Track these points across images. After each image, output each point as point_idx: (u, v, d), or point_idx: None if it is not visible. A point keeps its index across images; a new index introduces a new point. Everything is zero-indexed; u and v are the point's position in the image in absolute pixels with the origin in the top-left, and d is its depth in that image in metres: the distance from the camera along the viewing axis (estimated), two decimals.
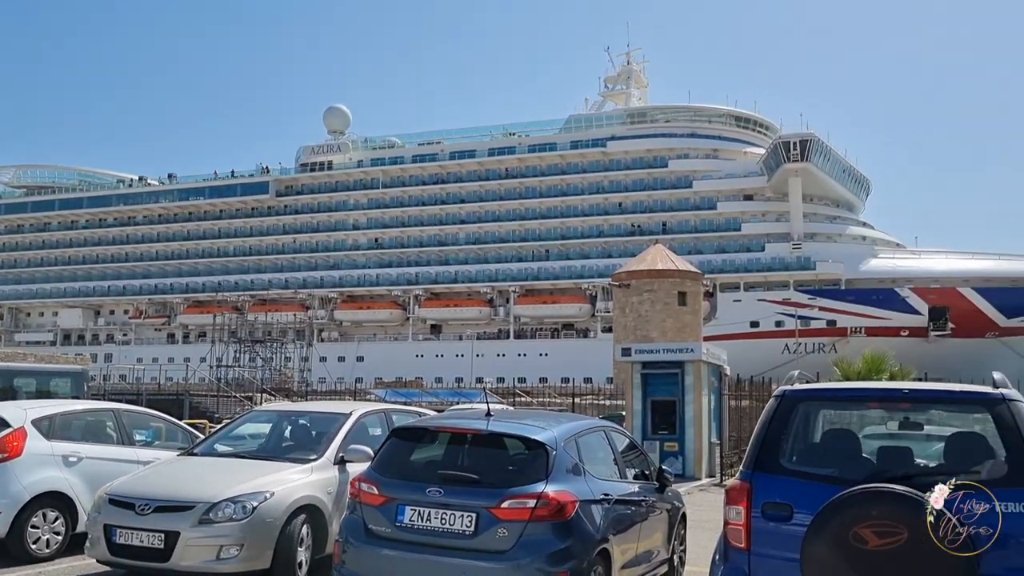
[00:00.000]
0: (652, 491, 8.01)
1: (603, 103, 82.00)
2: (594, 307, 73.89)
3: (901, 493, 4.60)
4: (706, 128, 75.34)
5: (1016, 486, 4.64)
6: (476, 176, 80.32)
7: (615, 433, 8.06)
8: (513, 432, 6.64)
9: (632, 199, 75.13)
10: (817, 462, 5.38)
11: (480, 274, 78.02)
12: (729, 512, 5.20)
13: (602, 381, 48.53)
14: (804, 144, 66.91)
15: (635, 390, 20.08)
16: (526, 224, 77.99)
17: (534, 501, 6.01)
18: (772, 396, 5.55)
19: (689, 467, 19.38)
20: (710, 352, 20.61)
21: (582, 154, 76.68)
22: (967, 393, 5.33)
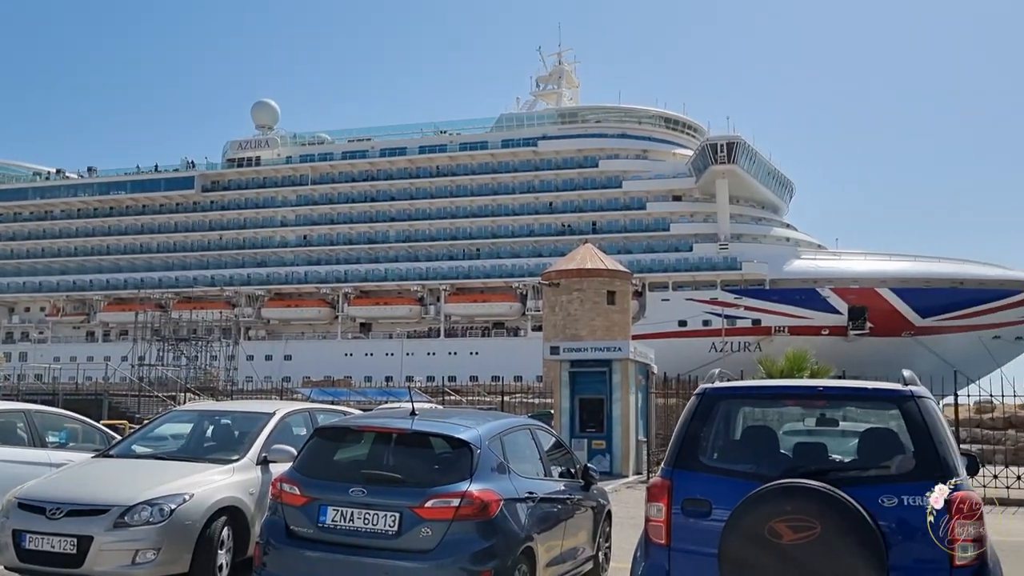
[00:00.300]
0: (577, 489, 8.06)
1: (535, 102, 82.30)
2: (524, 306, 74.14)
3: (814, 488, 4.70)
4: (636, 129, 76.21)
5: (922, 480, 4.78)
6: (407, 174, 79.89)
7: (541, 431, 8.09)
8: (437, 431, 6.62)
9: (563, 199, 75.61)
10: (736, 459, 5.48)
11: (411, 272, 77.66)
12: (650, 509, 5.25)
13: (532, 379, 48.73)
14: (731, 147, 68.21)
15: (563, 388, 20.20)
16: (457, 222, 77.85)
17: (458, 500, 6.00)
18: (693, 394, 5.64)
19: (616, 465, 19.58)
20: (637, 351, 20.84)
21: (513, 153, 76.89)
22: (878, 391, 5.48)
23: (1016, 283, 64.96)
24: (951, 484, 4.70)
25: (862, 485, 4.84)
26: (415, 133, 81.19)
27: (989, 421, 28.18)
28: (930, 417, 4.98)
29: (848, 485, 4.78)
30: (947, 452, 4.88)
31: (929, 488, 4.72)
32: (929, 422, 4.95)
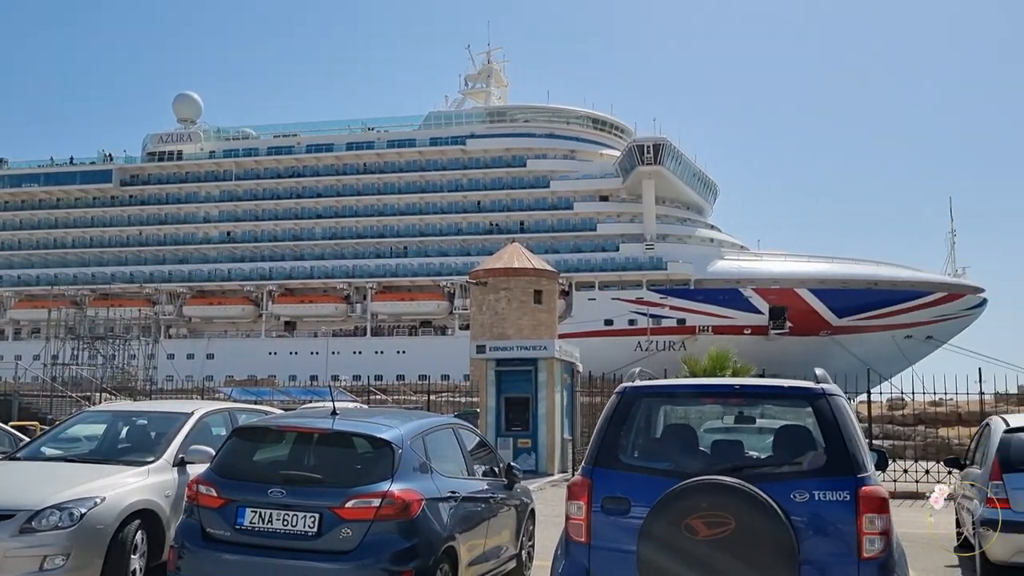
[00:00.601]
0: (501, 488, 8.09)
1: (463, 101, 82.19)
2: (452, 304, 74.01)
3: (729, 484, 4.80)
4: (564, 129, 76.71)
5: (833, 475, 4.92)
6: (333, 170, 79.02)
7: (464, 431, 8.09)
8: (358, 431, 6.57)
9: (491, 197, 75.67)
10: (656, 457, 5.55)
11: (337, 270, 76.84)
12: (570, 507, 5.30)
13: (460, 378, 48.71)
14: (657, 148, 69.16)
15: (489, 387, 20.24)
16: (384, 220, 77.29)
17: (379, 500, 5.96)
18: (613, 393, 5.70)
19: (542, 463, 19.70)
20: (563, 350, 20.99)
21: (442, 151, 76.70)
22: (792, 388, 5.62)
23: (927, 285, 67.37)
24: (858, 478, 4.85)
25: (775, 481, 4.95)
26: (342, 130, 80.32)
27: (900, 418, 29.23)
28: (841, 414, 5.12)
29: (762, 481, 4.88)
30: (856, 448, 5.02)
31: (840, 483, 4.86)
32: (840, 419, 5.09)
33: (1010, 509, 8.30)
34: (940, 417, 27.72)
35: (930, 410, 28.60)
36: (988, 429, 9.59)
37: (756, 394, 5.98)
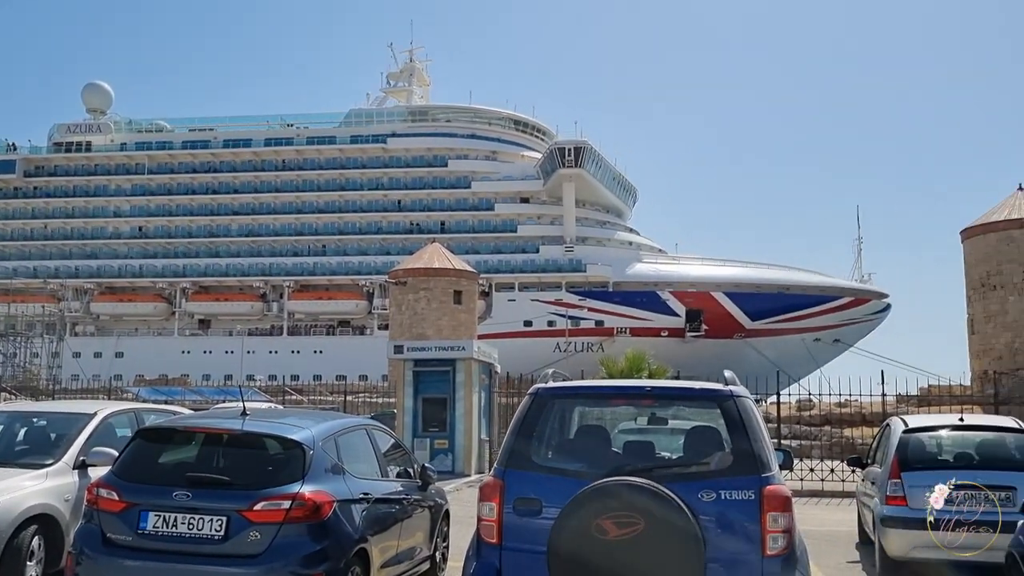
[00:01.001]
0: (415, 489, 8.06)
1: (385, 99, 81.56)
2: (371, 304, 73.35)
3: (637, 485, 4.86)
4: (486, 130, 76.80)
5: (739, 475, 5.03)
6: (251, 166, 77.50)
7: (378, 432, 8.02)
8: (268, 432, 6.45)
9: (411, 197, 75.29)
10: (568, 458, 5.59)
11: (253, 268, 75.42)
12: (482, 508, 5.29)
13: (378, 379, 48.27)
14: (578, 151, 69.79)
15: (407, 387, 20.15)
16: (303, 218, 76.15)
17: (289, 502, 5.87)
18: (526, 394, 5.72)
19: (459, 464, 19.69)
20: (481, 350, 21.01)
21: (362, 149, 75.97)
22: (701, 391, 5.73)
23: (835, 290, 69.59)
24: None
25: (684, 481, 5.03)
26: (261, 125, 78.80)
27: (808, 418, 30.06)
28: (747, 415, 5.24)
29: (671, 481, 4.96)
30: (762, 449, 5.14)
31: (745, 483, 4.97)
32: (746, 420, 5.21)
33: (907, 506, 8.62)
34: (845, 418, 28.55)
35: (836, 411, 29.41)
36: (888, 430, 9.96)
37: (666, 396, 6.08)
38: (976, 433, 9.49)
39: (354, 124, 77.22)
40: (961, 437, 9.47)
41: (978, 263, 34.43)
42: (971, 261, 34.93)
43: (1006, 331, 33.31)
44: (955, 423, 9.56)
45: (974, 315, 34.79)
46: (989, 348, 33.84)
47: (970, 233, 35.03)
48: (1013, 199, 34.51)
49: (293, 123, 78.74)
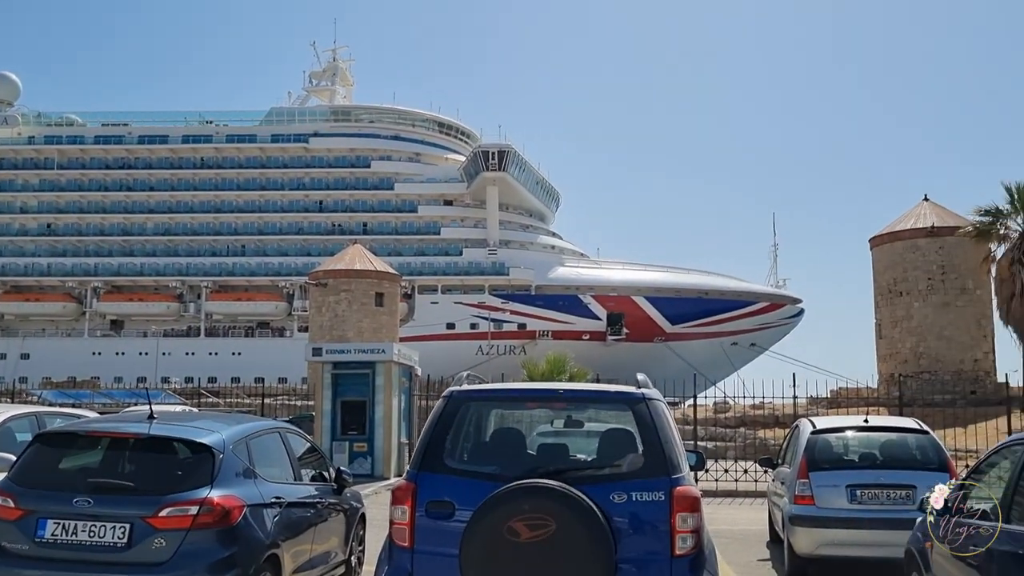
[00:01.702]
0: (330, 493, 7.98)
1: (307, 98, 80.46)
2: (291, 305, 72.29)
3: (549, 487, 4.88)
4: (410, 132, 76.47)
5: (649, 476, 5.09)
6: (168, 163, 75.54)
7: (292, 435, 7.91)
8: (176, 435, 6.29)
9: (333, 197, 74.46)
10: (483, 460, 5.59)
11: (169, 267, 73.56)
12: (394, 512, 5.25)
13: (297, 381, 47.62)
14: (502, 155, 70.03)
15: (325, 390, 19.92)
16: (221, 217, 74.59)
17: (196, 508, 5.73)
18: (440, 397, 5.70)
19: (378, 467, 19.55)
20: (401, 353, 20.90)
21: (283, 148, 74.81)
22: (613, 393, 5.78)
23: (751, 295, 71.29)
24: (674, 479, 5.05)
25: (596, 483, 5.08)
26: (178, 121, 76.90)
27: (725, 420, 30.72)
28: (658, 418, 5.31)
29: (583, 483, 5.00)
30: (672, 450, 5.22)
31: (656, 484, 5.04)
32: (657, 423, 5.27)
33: (814, 505, 8.87)
34: (760, 419, 29.28)
35: (751, 413, 30.17)
36: (797, 431, 10.23)
37: (579, 399, 6.13)
38: (880, 434, 9.81)
39: (275, 123, 76.00)
40: (866, 438, 9.78)
41: (885, 270, 35.72)
42: (879, 268, 36.21)
43: (911, 336, 34.62)
44: (860, 424, 9.87)
45: (881, 320, 36.07)
46: (895, 352, 35.13)
47: (878, 241, 36.32)
48: (919, 209, 35.90)
49: (212, 120, 77.07)
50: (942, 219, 34.54)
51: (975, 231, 31.28)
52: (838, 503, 8.81)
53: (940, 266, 34.16)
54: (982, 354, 34.15)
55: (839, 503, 8.81)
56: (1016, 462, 5.24)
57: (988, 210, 30.89)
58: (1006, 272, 29.95)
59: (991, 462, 5.86)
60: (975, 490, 5.87)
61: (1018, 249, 29.99)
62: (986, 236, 31.11)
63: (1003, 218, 30.80)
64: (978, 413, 26.06)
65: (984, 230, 31.01)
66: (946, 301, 34.05)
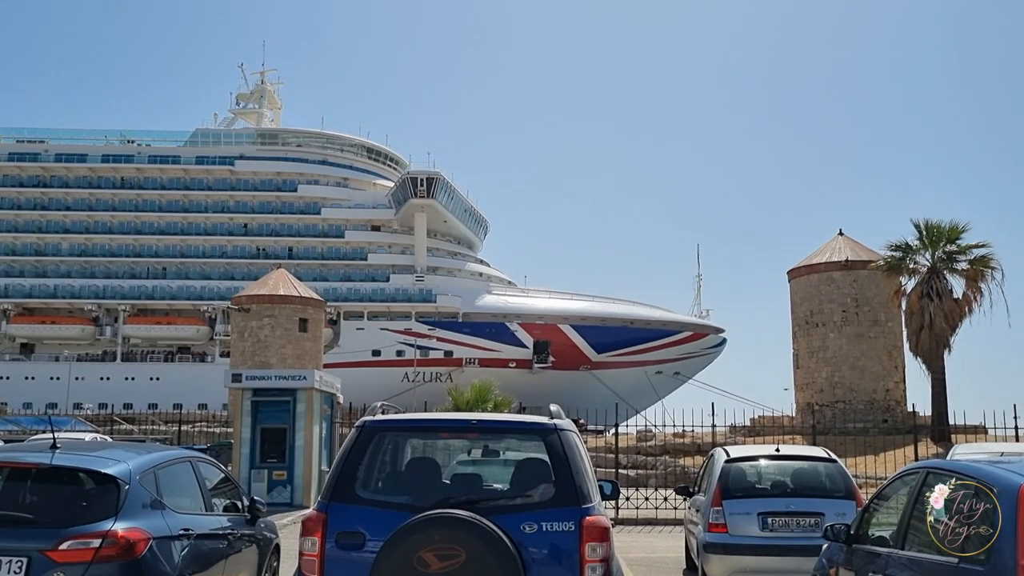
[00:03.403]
0: (242, 523, 7.81)
1: (234, 120, 79.47)
2: (213, 330, 70.85)
3: (459, 517, 4.89)
4: (338, 157, 76.05)
5: (560, 506, 5.14)
6: (86, 183, 73.61)
7: (204, 464, 7.73)
8: (79, 465, 6.09)
9: (259, 221, 73.47)
10: (396, 491, 5.56)
11: (85, 289, 71.40)
12: (304, 543, 5.19)
13: (219, 408, 46.61)
14: (431, 182, 70.09)
15: (245, 417, 19.53)
16: (142, 239, 72.87)
17: (99, 540, 5.55)
18: (353, 427, 5.67)
19: (298, 496, 19.21)
20: (323, 380, 20.64)
21: (208, 170, 73.59)
22: (525, 424, 5.82)
23: (676, 324, 72.45)
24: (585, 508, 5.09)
25: (507, 513, 5.10)
26: (98, 140, 75.12)
27: (648, 448, 31.06)
28: (570, 448, 5.36)
29: (495, 513, 5.01)
30: (583, 481, 5.27)
31: (566, 514, 5.08)
32: (568, 453, 5.33)
33: (727, 533, 9.03)
34: (681, 448, 29.72)
35: (673, 441, 30.60)
36: (712, 460, 10.41)
37: (492, 429, 6.14)
38: (791, 462, 10.04)
39: (200, 144, 74.80)
40: (777, 466, 10.01)
41: (803, 302, 36.72)
42: (796, 300, 37.21)
43: (826, 366, 35.59)
44: (772, 453, 10.10)
45: (799, 350, 37.01)
46: (812, 381, 36.05)
47: (795, 273, 37.34)
48: (834, 243, 37.07)
49: (134, 140, 75.56)
50: (856, 253, 35.69)
51: (886, 265, 32.39)
52: (750, 531, 8.98)
53: (854, 299, 35.25)
54: (893, 384, 35.26)
55: (751, 531, 8.98)
56: (912, 490, 5.44)
57: (899, 245, 32.09)
58: (915, 305, 31.08)
59: (891, 490, 6.06)
60: (876, 516, 6.06)
61: (926, 283, 31.18)
62: (897, 270, 32.25)
63: (912, 253, 31.99)
64: (889, 441, 26.93)
65: (895, 264, 32.14)
66: (859, 332, 35.12)
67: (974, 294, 30.98)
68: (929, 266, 31.75)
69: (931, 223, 31.68)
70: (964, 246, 31.45)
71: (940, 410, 30.66)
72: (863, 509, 6.38)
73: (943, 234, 31.50)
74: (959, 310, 30.85)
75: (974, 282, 31.05)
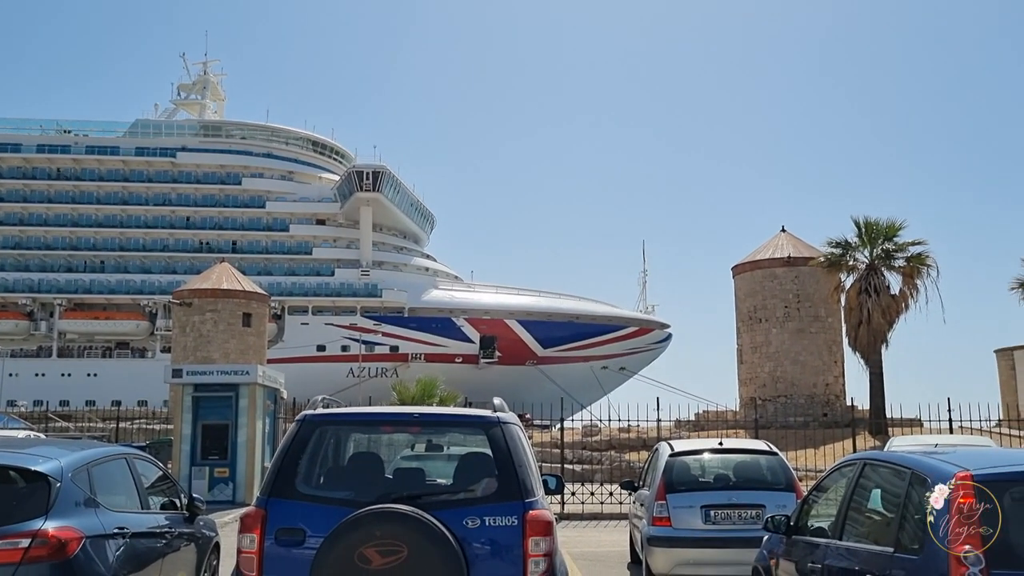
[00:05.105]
0: (180, 521, 7.67)
1: (175, 111, 77.95)
2: (154, 325, 69.51)
3: (400, 512, 4.84)
4: (283, 150, 75.13)
5: (503, 501, 5.11)
6: (21, 174, 71.59)
7: (141, 461, 7.56)
8: (8, 463, 5.90)
9: (201, 214, 72.22)
10: (337, 486, 5.49)
11: (19, 283, 69.51)
12: (243, 540, 5.10)
13: (159, 405, 45.84)
14: (376, 175, 69.62)
15: (185, 413, 19.22)
16: (79, 231, 71.14)
17: (28, 540, 5.38)
18: (293, 421, 5.58)
19: (240, 493, 18.96)
20: (266, 375, 20.40)
21: (149, 162, 72.12)
22: (468, 417, 5.80)
23: (622, 319, 73.02)
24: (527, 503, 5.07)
25: (450, 508, 5.06)
26: (33, 129, 73.07)
27: (594, 443, 31.23)
28: (513, 442, 5.34)
29: (437, 508, 4.98)
30: (526, 475, 5.25)
31: (509, 508, 5.05)
32: (511, 447, 5.30)
33: (671, 526, 9.12)
34: (627, 442, 29.92)
35: (619, 436, 30.80)
36: (657, 454, 10.50)
37: (434, 423, 6.11)
38: (733, 456, 10.18)
39: (140, 135, 73.24)
40: (720, 460, 10.13)
41: (746, 297, 37.25)
42: (740, 295, 37.74)
43: (769, 361, 36.16)
44: (715, 447, 10.22)
45: (743, 346, 37.54)
46: (755, 376, 36.59)
47: (739, 270, 37.87)
48: (777, 239, 37.66)
49: (71, 130, 73.62)
50: (798, 250, 36.30)
51: (827, 262, 33.00)
52: (693, 523, 9.08)
53: (796, 294, 35.86)
54: (833, 378, 35.96)
55: (694, 523, 9.08)
56: (849, 481, 5.53)
57: (839, 242, 32.71)
58: (854, 301, 31.72)
59: (829, 481, 6.16)
60: (815, 508, 6.15)
61: (865, 280, 31.85)
62: (836, 267, 32.87)
63: (852, 250, 32.65)
64: (828, 435, 27.45)
65: (835, 261, 32.76)
66: (801, 328, 35.74)
67: (911, 290, 31.72)
68: (868, 263, 32.42)
69: (870, 220, 32.35)
70: (901, 243, 32.19)
71: (878, 404, 31.38)
72: (802, 501, 6.48)
73: (881, 232, 32.19)
74: (896, 306, 31.56)
75: (911, 279, 31.79)
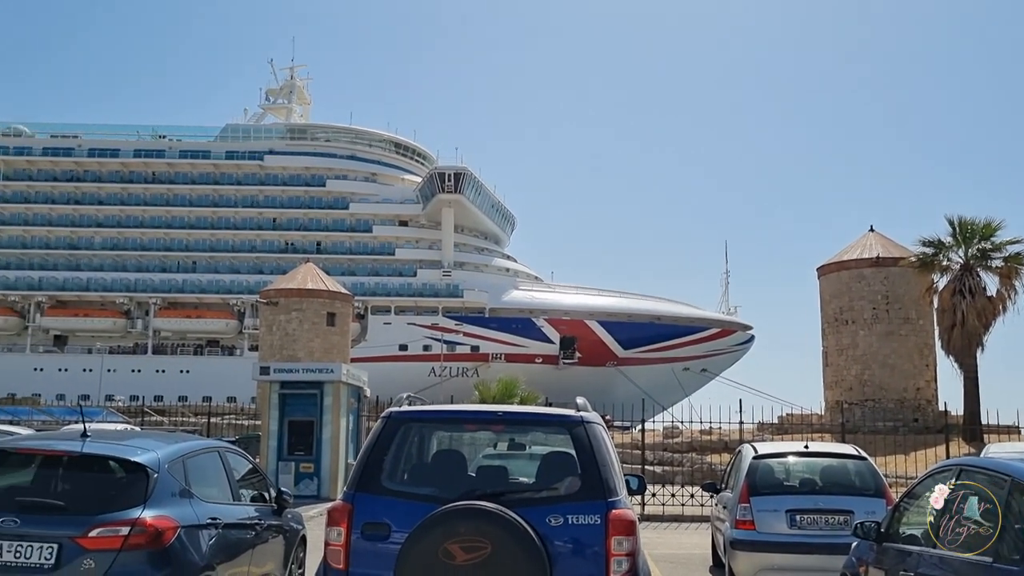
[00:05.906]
0: (269, 514, 7.87)
1: (263, 115, 79.97)
2: (242, 324, 71.46)
3: (485, 509, 4.88)
4: (366, 152, 76.31)
5: (586, 500, 5.11)
6: (119, 177, 74.40)
7: (232, 454, 7.80)
8: (109, 453, 6.17)
9: (287, 216, 73.93)
10: (422, 482, 5.56)
11: (117, 283, 72.24)
12: (330, 533, 5.21)
13: (247, 401, 47.04)
14: (458, 177, 70.14)
15: (272, 410, 19.70)
16: (172, 233, 73.58)
17: (128, 528, 5.62)
18: (380, 417, 5.68)
19: (325, 488, 19.36)
20: (350, 373, 20.77)
21: (238, 165, 74.16)
22: (552, 416, 5.81)
23: (703, 321, 71.99)
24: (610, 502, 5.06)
25: (533, 506, 5.08)
26: (130, 135, 75.88)
27: (674, 445, 30.90)
28: (596, 441, 5.33)
29: (521, 506, 5.00)
30: (609, 474, 5.24)
31: (592, 507, 5.05)
32: (595, 446, 5.30)
33: (755, 530, 8.95)
34: (708, 445, 29.52)
35: (700, 438, 30.42)
36: (740, 456, 10.33)
37: (518, 421, 6.13)
38: (820, 460, 9.93)
39: (230, 139, 75.37)
40: (806, 464, 9.90)
41: (832, 299, 36.31)
42: (826, 297, 36.80)
43: (856, 364, 35.17)
44: (801, 450, 9.99)
45: (828, 348, 36.61)
46: (841, 379, 35.65)
47: (825, 270, 36.93)
48: (865, 239, 36.62)
49: (165, 135, 76.25)
50: (887, 250, 35.23)
51: (918, 262, 31.94)
52: (778, 528, 8.90)
53: (884, 296, 34.80)
54: (924, 383, 34.79)
55: (779, 528, 8.90)
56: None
57: (931, 242, 31.62)
58: (947, 303, 30.63)
59: (923, 488, 5.97)
60: (907, 515, 5.98)
61: (959, 280, 30.72)
62: (929, 267, 31.78)
63: (945, 250, 31.52)
64: (919, 440, 26.58)
65: (927, 261, 31.68)
66: (890, 330, 34.68)
67: (1008, 292, 30.48)
68: (962, 263, 31.27)
69: (964, 220, 31.20)
70: (998, 243, 30.94)
71: (972, 409, 30.21)
72: (894, 507, 6.30)
73: (977, 231, 31.01)
74: (992, 308, 30.36)
75: (1008, 280, 30.55)
